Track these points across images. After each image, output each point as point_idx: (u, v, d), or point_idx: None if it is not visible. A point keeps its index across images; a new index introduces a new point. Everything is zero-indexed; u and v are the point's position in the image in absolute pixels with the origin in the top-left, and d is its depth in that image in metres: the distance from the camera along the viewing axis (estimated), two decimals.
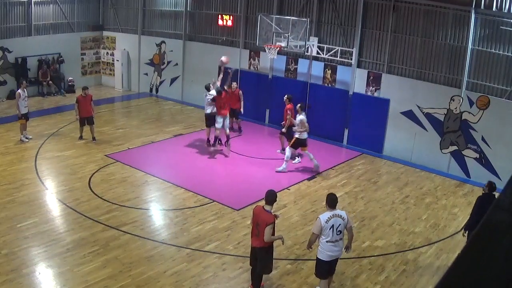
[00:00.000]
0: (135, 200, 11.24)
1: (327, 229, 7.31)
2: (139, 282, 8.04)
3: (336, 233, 7.36)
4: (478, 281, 1.30)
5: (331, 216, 7.34)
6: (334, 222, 7.32)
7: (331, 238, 7.35)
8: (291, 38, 15.18)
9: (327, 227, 7.30)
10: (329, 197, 7.57)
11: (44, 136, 15.26)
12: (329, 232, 7.32)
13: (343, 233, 7.47)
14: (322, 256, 7.50)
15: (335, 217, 7.35)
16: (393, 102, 15.27)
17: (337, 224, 7.34)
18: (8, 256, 8.47)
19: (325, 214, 7.42)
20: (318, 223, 7.35)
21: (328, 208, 7.48)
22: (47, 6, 20.84)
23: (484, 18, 13.33)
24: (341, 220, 7.39)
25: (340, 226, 7.38)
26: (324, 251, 7.45)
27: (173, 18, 20.91)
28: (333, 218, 7.34)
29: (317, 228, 7.36)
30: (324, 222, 7.30)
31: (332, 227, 7.31)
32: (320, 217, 7.38)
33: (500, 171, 13.25)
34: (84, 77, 22.65)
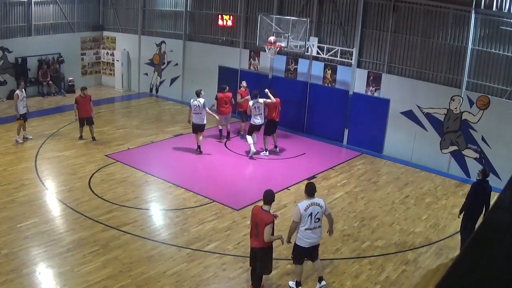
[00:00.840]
0: (135, 200, 11.24)
1: (306, 216, 7.59)
2: (139, 282, 8.04)
3: (315, 221, 7.65)
4: (478, 281, 1.30)
5: (309, 204, 7.63)
6: (313, 210, 7.61)
7: (310, 225, 7.63)
8: (291, 38, 15.18)
9: (306, 215, 7.59)
10: (308, 186, 7.87)
11: (44, 136, 15.27)
12: (307, 220, 7.61)
13: (321, 220, 7.76)
14: (302, 243, 7.77)
15: (314, 205, 7.64)
16: (393, 102, 15.27)
17: (315, 212, 7.63)
18: (8, 256, 8.47)
19: (303, 202, 7.70)
20: (297, 211, 7.64)
21: (306, 196, 7.76)
22: (47, 6, 20.85)
23: (484, 18, 13.33)
24: (319, 208, 7.68)
25: (318, 214, 7.67)
26: (304, 238, 7.73)
27: (173, 18, 20.91)
28: (311, 206, 7.62)
29: (297, 216, 7.63)
30: (303, 210, 7.58)
31: (311, 215, 7.60)
32: (299, 205, 7.67)
33: (500, 171, 13.24)
34: (84, 77, 22.65)
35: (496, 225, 1.42)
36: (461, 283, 1.34)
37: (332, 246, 9.69)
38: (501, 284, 1.23)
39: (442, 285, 1.39)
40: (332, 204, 11.66)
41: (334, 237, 10.00)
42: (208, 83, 19.66)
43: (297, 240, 7.81)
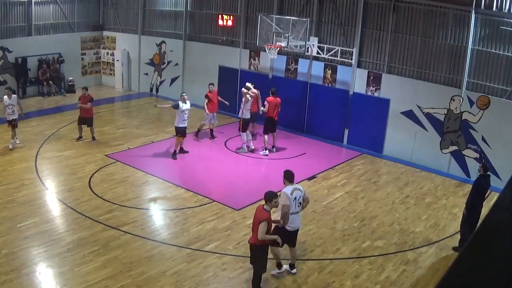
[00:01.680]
0: (135, 200, 11.24)
1: (292, 200, 7.94)
2: (139, 282, 8.04)
3: (297, 205, 8.06)
4: (478, 281, 1.30)
5: (293, 189, 8.04)
6: (296, 195, 8.03)
7: (294, 209, 7.99)
8: (291, 38, 15.18)
9: (291, 199, 7.94)
10: (287, 173, 8.24)
11: (44, 136, 15.26)
12: (292, 204, 7.94)
13: (302, 205, 8.17)
14: (287, 227, 8.08)
15: (296, 190, 8.07)
16: (393, 102, 15.27)
17: (298, 196, 8.06)
18: (8, 256, 8.47)
19: (287, 188, 8.05)
20: (285, 196, 7.93)
21: (288, 182, 8.14)
22: (47, 6, 20.85)
23: (484, 18, 13.32)
24: (301, 192, 8.12)
25: (300, 198, 8.09)
26: (289, 223, 8.02)
27: (173, 18, 20.91)
28: (295, 191, 8.04)
29: (287, 200, 7.93)
30: (290, 194, 7.93)
31: (295, 199, 8.00)
32: (285, 190, 8.00)
33: (500, 171, 13.24)
34: (84, 77, 22.65)
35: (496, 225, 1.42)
36: (461, 283, 1.33)
37: (332, 246, 9.69)
38: (501, 284, 1.23)
39: (442, 285, 1.39)
40: (332, 204, 11.66)
41: (334, 237, 10.03)
42: (208, 83, 19.64)
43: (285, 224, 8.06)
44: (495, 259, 1.31)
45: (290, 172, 8.30)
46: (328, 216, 11.03)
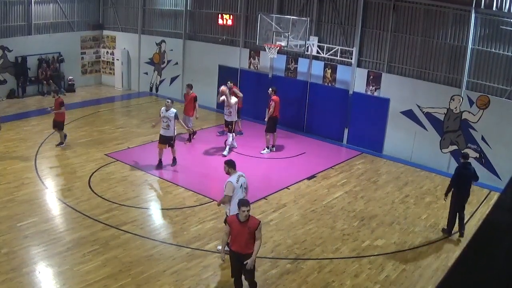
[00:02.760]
0: (135, 199, 11.24)
1: (238, 188, 8.20)
2: (139, 281, 8.04)
3: (243, 191, 8.29)
4: (479, 281, 1.30)
5: (238, 176, 8.28)
6: (241, 181, 8.28)
7: (240, 195, 8.17)
8: (291, 37, 15.18)
9: (238, 186, 8.19)
10: (229, 162, 8.45)
11: (44, 135, 15.25)
12: (239, 191, 8.20)
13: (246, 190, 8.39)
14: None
15: (241, 177, 8.32)
16: (393, 101, 15.27)
17: (243, 182, 8.31)
18: (8, 255, 8.47)
19: (232, 176, 8.26)
20: (230, 186, 8.15)
21: (232, 171, 8.33)
22: (47, 5, 20.83)
23: (484, 17, 13.32)
24: (244, 178, 8.37)
25: (245, 184, 8.35)
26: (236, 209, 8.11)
27: (173, 17, 20.90)
28: (240, 178, 8.28)
29: (231, 190, 8.16)
30: (236, 183, 8.17)
31: (241, 186, 8.24)
32: (231, 180, 8.20)
33: (500, 171, 13.25)
34: (84, 76, 22.65)
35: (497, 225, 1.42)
36: (461, 284, 1.33)
37: (332, 245, 9.69)
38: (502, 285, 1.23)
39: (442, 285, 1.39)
40: (332, 204, 11.67)
41: (334, 237, 10.03)
42: (208, 82, 19.67)
43: (233, 212, 8.12)
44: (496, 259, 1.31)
45: (231, 160, 8.56)
46: (327, 215, 11.04)
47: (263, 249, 9.28)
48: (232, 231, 7.21)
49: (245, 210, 7.03)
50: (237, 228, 7.13)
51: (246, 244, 7.15)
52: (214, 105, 19.75)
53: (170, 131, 12.85)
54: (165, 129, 12.84)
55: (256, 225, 7.12)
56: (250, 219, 7.15)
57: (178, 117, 12.97)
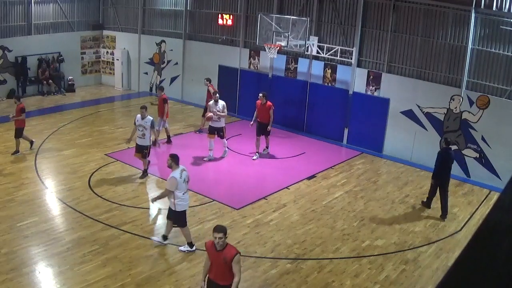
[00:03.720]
0: (134, 199, 11.24)
1: (182, 183, 8.46)
2: (139, 281, 8.04)
3: (186, 185, 8.62)
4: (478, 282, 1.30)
5: (181, 171, 8.54)
6: (184, 176, 8.57)
7: (185, 189, 8.58)
8: (291, 37, 15.18)
9: (181, 181, 8.46)
10: (172, 157, 8.66)
11: (44, 135, 15.26)
12: (183, 185, 8.51)
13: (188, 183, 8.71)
14: (183, 208, 8.70)
15: (183, 171, 8.61)
16: (393, 101, 15.27)
17: (185, 176, 8.61)
18: (8, 255, 8.47)
19: (175, 171, 8.51)
20: (174, 181, 8.39)
21: (175, 165, 8.58)
22: (47, 5, 20.83)
23: (484, 17, 13.32)
24: (186, 172, 8.68)
25: (187, 177, 8.66)
26: (184, 202, 8.67)
27: (173, 17, 20.90)
28: (182, 172, 8.55)
29: (174, 185, 8.39)
30: (179, 178, 8.43)
31: (184, 180, 8.54)
32: (174, 175, 8.43)
33: (500, 171, 13.25)
34: (84, 76, 22.66)
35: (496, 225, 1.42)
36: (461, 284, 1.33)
37: (331, 245, 9.70)
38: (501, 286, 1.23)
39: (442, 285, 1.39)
40: (331, 204, 11.67)
41: (334, 237, 10.03)
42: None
43: (178, 207, 8.59)
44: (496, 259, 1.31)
45: (175, 155, 8.76)
46: (327, 215, 11.04)
47: (263, 249, 9.30)
48: (209, 257, 6.40)
49: (217, 236, 6.14)
50: (213, 256, 6.30)
51: (222, 275, 6.27)
52: None
53: (145, 140, 12.12)
54: (140, 138, 12.15)
55: (232, 256, 6.17)
56: (227, 248, 6.27)
57: (154, 125, 12.32)
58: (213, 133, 13.86)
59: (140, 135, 12.17)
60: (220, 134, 13.90)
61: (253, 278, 8.39)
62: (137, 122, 12.22)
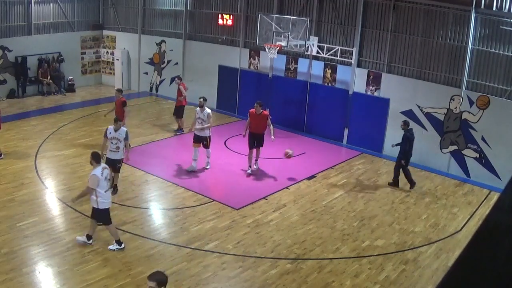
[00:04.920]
0: (134, 199, 11.24)
1: (103, 180, 8.49)
2: (139, 281, 8.03)
3: (107, 182, 8.64)
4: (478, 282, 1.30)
5: (102, 169, 8.58)
6: (105, 173, 8.60)
7: (107, 187, 8.62)
8: (291, 37, 15.18)
9: (103, 179, 8.49)
10: (93, 154, 8.73)
11: (44, 135, 15.26)
12: (104, 183, 8.53)
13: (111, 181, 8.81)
14: (106, 205, 8.71)
15: (105, 169, 8.66)
16: (393, 101, 15.27)
17: (107, 174, 8.66)
18: (8, 255, 8.47)
19: (97, 169, 8.52)
20: (95, 178, 8.41)
21: (96, 164, 8.60)
22: (47, 5, 20.83)
23: (484, 18, 13.32)
24: (108, 170, 8.75)
25: (109, 175, 8.73)
26: (106, 200, 8.67)
27: (173, 17, 20.91)
28: (104, 170, 8.59)
29: (95, 183, 8.41)
30: (101, 175, 8.47)
31: (106, 178, 8.57)
32: (95, 173, 8.45)
33: (500, 171, 13.25)
34: (84, 76, 22.66)
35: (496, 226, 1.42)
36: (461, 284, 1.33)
37: (331, 245, 9.69)
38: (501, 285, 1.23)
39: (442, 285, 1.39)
40: (331, 204, 11.67)
41: (334, 237, 10.03)
42: (208, 82, 19.68)
43: (100, 204, 8.60)
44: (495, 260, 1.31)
45: (96, 153, 8.82)
46: (327, 215, 11.04)
47: (263, 249, 9.31)
48: None
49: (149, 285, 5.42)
50: None
51: None
52: (214, 105, 19.76)
53: (119, 153, 10.96)
54: (113, 151, 10.88)
55: None
56: None
57: (128, 137, 11.15)
58: (198, 142, 12.88)
59: (114, 148, 10.87)
60: (205, 143, 12.89)
61: (253, 278, 8.40)
62: (109, 135, 10.91)
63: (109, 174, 8.73)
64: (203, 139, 12.90)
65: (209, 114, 12.90)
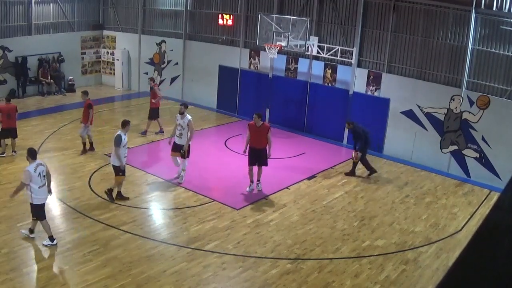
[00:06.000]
0: (135, 199, 11.24)
1: (36, 176, 8.62)
2: (139, 281, 8.04)
3: (42, 179, 8.76)
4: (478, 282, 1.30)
5: (36, 165, 8.71)
6: (40, 170, 8.72)
7: (41, 183, 8.72)
8: (291, 37, 15.18)
9: (36, 175, 8.61)
10: (29, 151, 8.96)
11: (44, 135, 15.26)
12: (38, 179, 8.65)
13: (46, 178, 8.86)
14: (39, 201, 8.78)
15: (39, 166, 8.78)
16: (393, 101, 15.27)
17: (41, 171, 8.75)
18: (8, 255, 8.47)
19: (31, 165, 8.68)
20: (27, 174, 8.55)
21: (31, 160, 8.79)
22: (48, 5, 20.84)
23: (484, 18, 13.32)
24: (43, 167, 8.85)
25: (43, 172, 8.82)
26: (39, 196, 8.73)
27: (173, 17, 20.91)
28: (38, 166, 8.72)
29: (27, 178, 8.54)
30: (33, 171, 8.59)
31: (39, 174, 8.68)
32: (28, 169, 8.60)
33: (500, 171, 13.25)
34: (84, 76, 22.67)
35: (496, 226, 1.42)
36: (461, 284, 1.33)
37: (332, 245, 9.69)
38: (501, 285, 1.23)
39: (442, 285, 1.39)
40: (332, 204, 11.67)
41: (334, 237, 10.03)
42: (208, 82, 19.69)
43: (34, 200, 8.69)
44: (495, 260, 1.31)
45: (32, 149, 9.05)
46: (328, 215, 11.04)
47: (263, 249, 9.31)
48: None
49: None
50: None
51: None
52: (214, 105, 19.79)
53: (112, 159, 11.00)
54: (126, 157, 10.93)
55: None
56: None
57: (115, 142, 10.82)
58: (176, 151, 12.12)
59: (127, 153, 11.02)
60: (182, 153, 12.06)
61: (253, 278, 8.40)
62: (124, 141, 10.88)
63: (44, 171, 8.81)
64: (181, 148, 12.03)
65: (190, 121, 11.99)
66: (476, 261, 1.35)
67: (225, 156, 14.53)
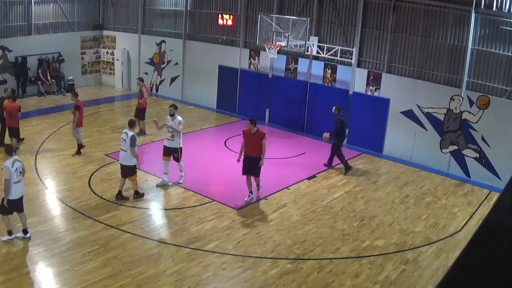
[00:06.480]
0: (135, 199, 11.23)
1: (13, 172, 8.67)
2: (139, 281, 8.04)
3: (19, 174, 8.82)
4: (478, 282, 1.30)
5: (13, 161, 8.76)
6: (17, 165, 8.78)
7: (17, 179, 8.75)
8: (291, 37, 15.18)
9: (13, 170, 8.67)
10: (5, 148, 9.23)
11: (44, 135, 15.26)
12: (14, 175, 8.69)
13: (22, 173, 8.92)
14: (13, 197, 8.73)
15: (16, 161, 8.83)
16: (393, 101, 15.27)
17: (18, 167, 8.82)
18: (8, 255, 8.47)
19: (7, 161, 8.74)
20: (7, 170, 8.59)
21: (8, 156, 8.88)
22: (47, 5, 20.84)
23: (484, 18, 13.32)
24: (19, 162, 8.91)
25: (20, 168, 8.87)
26: (14, 191, 8.70)
27: (173, 17, 20.91)
28: (15, 162, 8.78)
29: (8, 174, 8.59)
30: (11, 167, 8.64)
31: (16, 170, 8.75)
32: (6, 165, 8.66)
33: (500, 171, 13.25)
34: (84, 76, 22.66)
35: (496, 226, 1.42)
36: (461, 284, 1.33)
37: (332, 245, 9.69)
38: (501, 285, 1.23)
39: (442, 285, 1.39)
40: (332, 204, 11.67)
41: (334, 237, 10.03)
42: (208, 82, 19.69)
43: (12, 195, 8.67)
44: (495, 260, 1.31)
45: (8, 146, 9.37)
46: (327, 215, 11.04)
47: (263, 249, 9.31)
48: None
49: None
50: None
51: None
52: (214, 106, 19.79)
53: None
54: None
55: None
56: None
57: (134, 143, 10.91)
58: (168, 155, 11.87)
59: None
60: (175, 156, 11.86)
61: (253, 278, 8.40)
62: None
63: (20, 167, 8.88)
64: (173, 151, 11.80)
65: (180, 121, 11.80)
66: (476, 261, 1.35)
67: (225, 156, 14.52)
